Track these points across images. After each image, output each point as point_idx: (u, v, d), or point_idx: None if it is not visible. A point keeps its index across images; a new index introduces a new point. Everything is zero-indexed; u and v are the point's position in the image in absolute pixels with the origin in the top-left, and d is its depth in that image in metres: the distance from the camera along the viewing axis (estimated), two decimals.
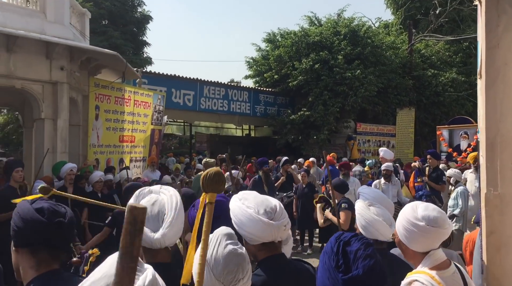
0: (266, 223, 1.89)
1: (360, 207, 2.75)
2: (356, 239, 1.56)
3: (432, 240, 2.05)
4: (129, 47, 30.44)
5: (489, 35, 1.81)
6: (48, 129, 7.90)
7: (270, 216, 1.92)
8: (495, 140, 1.78)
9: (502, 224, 1.82)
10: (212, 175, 1.50)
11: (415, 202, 2.26)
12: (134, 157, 11.05)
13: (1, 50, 7.22)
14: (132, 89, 10.91)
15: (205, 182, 1.49)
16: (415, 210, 2.14)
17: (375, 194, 3.16)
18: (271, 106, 20.52)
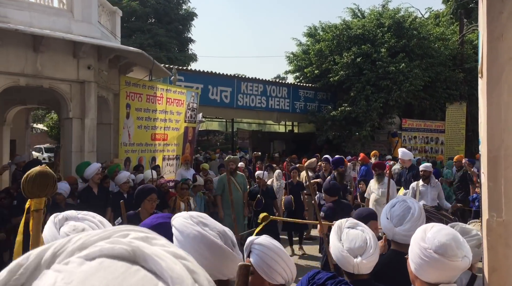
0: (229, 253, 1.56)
1: (332, 233, 2.24)
2: (333, 283, 1.25)
3: (440, 271, 1.70)
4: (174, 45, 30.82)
5: (491, 24, 1.42)
6: (76, 129, 7.93)
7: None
8: (499, 153, 1.39)
9: (507, 258, 1.43)
10: (33, 177, 1.19)
11: (434, 223, 1.89)
12: (167, 155, 11.00)
13: (28, 50, 7.29)
14: (165, 87, 10.85)
15: (26, 186, 1.19)
16: (426, 232, 1.80)
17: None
18: (311, 102, 20.04)
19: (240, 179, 8.57)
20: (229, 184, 5.53)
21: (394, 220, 2.55)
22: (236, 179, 8.48)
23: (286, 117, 19.85)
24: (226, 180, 8.43)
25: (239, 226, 8.41)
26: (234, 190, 8.35)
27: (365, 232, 2.15)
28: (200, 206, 8.21)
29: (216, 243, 1.55)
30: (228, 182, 5.61)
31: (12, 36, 7.00)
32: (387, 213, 2.62)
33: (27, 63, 7.30)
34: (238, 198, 8.36)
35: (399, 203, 2.60)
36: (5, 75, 7.14)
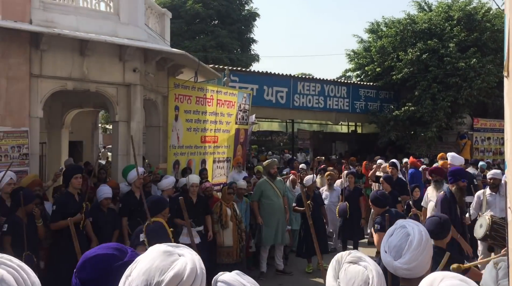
0: None
1: (329, 268, 1.78)
2: None
3: None
4: (236, 45, 30.93)
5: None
6: (122, 132, 7.89)
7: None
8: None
9: None
10: None
11: (443, 274, 1.41)
12: (217, 158, 10.80)
13: (75, 54, 7.33)
14: (215, 88, 10.65)
15: None
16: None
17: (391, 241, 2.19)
18: (373, 102, 19.13)
19: (279, 184, 8.16)
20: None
21: (392, 252, 2.11)
22: (275, 184, 8.08)
23: (345, 117, 19.09)
24: (266, 186, 8.08)
25: (280, 233, 8.00)
26: (274, 195, 7.97)
27: (369, 268, 1.67)
28: (245, 212, 7.88)
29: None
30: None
31: (59, 41, 7.06)
32: (384, 244, 2.15)
33: (74, 67, 7.34)
34: (278, 204, 7.96)
35: (397, 230, 2.13)
36: (53, 80, 7.22)
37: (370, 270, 1.66)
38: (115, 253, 1.42)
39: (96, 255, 1.40)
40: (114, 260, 1.40)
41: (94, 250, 1.44)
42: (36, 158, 7.11)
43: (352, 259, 1.71)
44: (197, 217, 7.11)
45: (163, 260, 1.24)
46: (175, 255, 1.27)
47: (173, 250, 1.29)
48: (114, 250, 1.43)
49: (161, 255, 1.26)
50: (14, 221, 5.16)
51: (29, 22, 6.79)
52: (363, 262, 1.70)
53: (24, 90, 6.83)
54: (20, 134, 6.79)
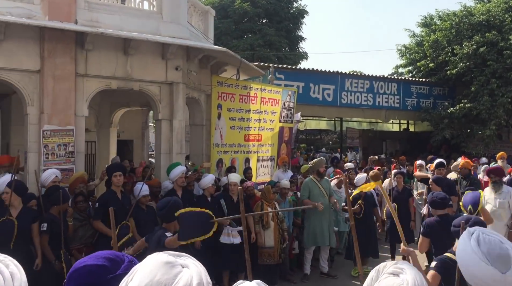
0: None
1: (367, 280, 1.58)
2: None
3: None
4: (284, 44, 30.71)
5: None
6: (165, 131, 7.90)
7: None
8: None
9: None
10: None
11: None
12: (261, 156, 10.65)
13: (119, 53, 7.40)
14: (259, 86, 10.51)
15: None
16: None
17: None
18: (426, 99, 18.29)
19: (325, 183, 7.86)
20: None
21: (496, 263, 1.72)
22: (322, 184, 7.79)
23: (395, 115, 18.37)
24: (312, 185, 7.82)
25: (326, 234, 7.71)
26: (320, 195, 7.69)
27: (406, 282, 1.44)
28: (288, 212, 7.67)
29: None
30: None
31: (103, 40, 7.16)
32: (479, 254, 1.76)
33: (118, 66, 7.42)
34: (325, 204, 7.67)
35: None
36: (98, 79, 7.33)
37: (407, 283, 1.45)
38: (106, 264, 1.25)
39: (84, 266, 1.24)
40: (103, 273, 1.23)
41: (84, 259, 1.28)
42: (81, 156, 7.24)
43: (393, 270, 1.52)
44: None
45: (165, 273, 1.09)
46: (178, 267, 1.13)
47: (175, 260, 1.14)
48: (106, 260, 1.26)
49: (163, 267, 1.11)
50: (51, 220, 5.24)
51: (74, 22, 6.92)
52: (404, 274, 1.49)
53: (70, 90, 6.96)
54: (66, 133, 6.93)
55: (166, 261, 1.14)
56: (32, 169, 6.65)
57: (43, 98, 6.75)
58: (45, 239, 5.16)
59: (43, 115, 6.76)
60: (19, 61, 6.65)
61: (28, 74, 6.76)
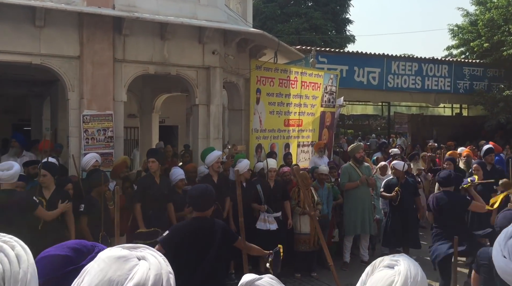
0: None
1: (362, 276, 1.51)
2: None
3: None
4: (330, 27, 30.06)
5: None
6: (202, 116, 7.86)
7: None
8: None
9: None
10: None
11: None
12: (302, 142, 10.43)
13: (156, 38, 7.40)
14: (299, 70, 10.25)
15: None
16: None
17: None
18: (479, 81, 17.30)
19: (365, 169, 7.56)
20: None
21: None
22: (361, 170, 7.50)
23: (446, 99, 17.52)
24: (351, 171, 7.55)
25: (366, 222, 7.44)
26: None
27: (398, 272, 1.37)
28: (327, 198, 7.45)
29: None
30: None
31: (140, 25, 7.18)
32: (502, 247, 1.65)
33: (155, 51, 7.42)
34: (364, 191, 7.40)
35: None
36: (135, 64, 7.37)
37: (399, 273, 1.39)
38: (70, 254, 1.16)
39: (45, 256, 1.15)
40: (64, 264, 1.14)
41: (50, 249, 1.19)
42: (120, 141, 7.34)
43: (388, 263, 1.46)
44: (274, 202, 6.86)
45: (117, 268, 0.99)
46: (133, 260, 1.02)
47: (130, 253, 1.03)
48: (71, 250, 1.17)
49: (114, 263, 1.00)
50: (90, 201, 5.31)
51: (112, 8, 6.95)
52: (398, 266, 1.42)
53: (109, 75, 7.04)
54: (105, 118, 7.03)
55: (119, 255, 1.03)
56: (75, 153, 6.81)
57: (82, 84, 6.87)
58: (84, 220, 5.25)
59: (83, 101, 6.88)
60: (59, 48, 6.78)
61: (68, 60, 6.88)
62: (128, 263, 1.01)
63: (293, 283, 6.82)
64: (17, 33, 6.48)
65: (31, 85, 11.44)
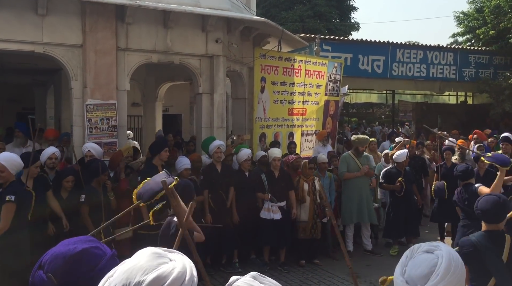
0: None
1: (399, 262, 1.58)
2: None
3: None
4: (334, 14, 29.77)
5: None
6: (206, 105, 7.83)
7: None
8: None
9: None
10: None
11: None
12: (305, 131, 10.40)
13: (159, 26, 7.34)
14: (303, 58, 10.18)
15: None
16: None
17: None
18: (485, 69, 17.14)
19: (364, 160, 7.55)
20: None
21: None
22: (360, 160, 7.49)
23: (451, 87, 17.38)
24: (349, 160, 7.54)
25: (364, 211, 7.45)
26: (357, 171, 7.42)
27: (440, 256, 1.49)
28: (329, 187, 7.44)
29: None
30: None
31: (143, 13, 7.12)
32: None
33: (158, 40, 7.37)
34: (362, 180, 7.40)
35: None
36: (138, 53, 7.32)
37: (442, 256, 1.49)
38: (97, 245, 1.24)
39: (82, 250, 1.22)
40: (100, 253, 1.26)
41: (70, 245, 1.24)
42: (124, 130, 7.33)
43: (428, 248, 1.56)
44: (279, 192, 6.86)
45: (149, 260, 1.13)
46: (165, 258, 1.15)
47: (165, 253, 1.17)
48: (93, 242, 1.25)
49: (149, 256, 1.14)
50: (90, 191, 5.33)
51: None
52: (438, 250, 1.53)
53: (111, 64, 7.00)
54: (109, 107, 7.01)
55: (155, 251, 1.16)
56: (78, 142, 6.82)
57: (85, 73, 6.84)
58: (85, 210, 5.27)
59: (86, 90, 6.86)
60: (62, 36, 6.74)
61: (71, 49, 6.85)
62: (159, 259, 1.13)
63: (297, 272, 6.86)
64: (20, 21, 6.44)
65: (34, 74, 11.43)
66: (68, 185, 5.58)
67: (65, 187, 5.59)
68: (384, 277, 2.23)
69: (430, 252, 1.52)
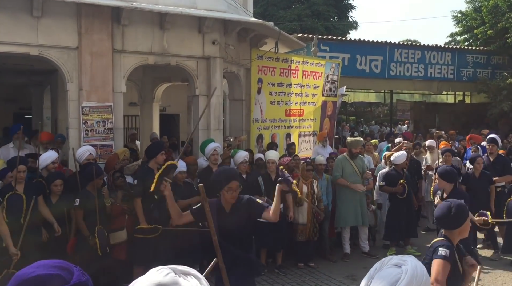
0: None
1: (366, 275, 1.58)
2: None
3: None
4: (332, 13, 29.71)
5: None
6: (202, 106, 7.78)
7: None
8: None
9: None
10: None
11: None
12: (303, 132, 10.38)
13: (155, 28, 7.31)
14: (301, 59, 10.15)
15: None
16: None
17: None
18: (483, 69, 17.15)
19: (359, 162, 7.53)
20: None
21: None
22: (355, 162, 7.46)
23: (449, 86, 17.40)
24: (345, 163, 7.52)
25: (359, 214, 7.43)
26: (353, 174, 7.39)
27: (405, 271, 1.49)
28: (326, 189, 7.43)
29: None
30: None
31: (139, 15, 7.09)
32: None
33: (154, 42, 7.33)
34: (357, 183, 7.38)
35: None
36: (135, 55, 7.29)
37: (406, 272, 1.49)
38: (60, 273, 1.14)
39: (36, 277, 1.12)
40: (58, 283, 1.12)
41: (32, 269, 1.16)
42: (120, 132, 7.29)
43: (397, 262, 1.56)
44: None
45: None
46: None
47: (172, 280, 1.08)
48: (59, 269, 1.14)
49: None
50: (85, 195, 5.29)
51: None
52: (405, 265, 1.53)
53: (108, 66, 6.97)
54: (105, 109, 6.98)
55: (158, 283, 1.07)
56: (74, 144, 6.77)
57: (81, 75, 6.80)
58: (79, 214, 5.25)
59: (82, 92, 6.82)
60: (57, 38, 6.70)
61: (67, 51, 6.81)
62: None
63: (294, 274, 6.84)
64: (15, 23, 6.40)
65: (31, 75, 11.37)
66: (56, 189, 5.51)
67: (54, 191, 5.53)
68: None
69: (398, 266, 1.53)
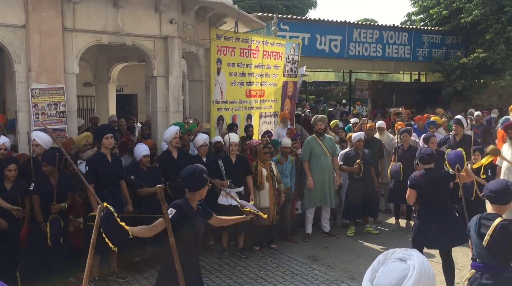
0: None
1: (370, 267, 1.58)
2: None
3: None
4: None
5: None
6: (160, 88, 7.55)
7: None
8: None
9: None
10: None
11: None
12: (264, 113, 10.32)
13: (108, 6, 6.94)
14: (261, 39, 10.00)
15: None
16: None
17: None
18: (438, 48, 17.58)
19: (328, 142, 7.57)
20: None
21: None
22: (324, 142, 7.50)
23: (405, 66, 17.76)
24: (314, 144, 7.55)
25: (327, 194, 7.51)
26: (322, 154, 7.43)
27: (412, 267, 1.47)
28: (291, 171, 7.43)
29: None
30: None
31: None
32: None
33: (108, 20, 6.98)
34: (326, 163, 7.43)
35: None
36: (88, 34, 6.92)
37: (413, 268, 1.47)
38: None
39: None
40: None
41: None
42: (73, 115, 6.95)
43: (401, 256, 1.54)
44: (236, 177, 6.76)
45: None
46: None
47: None
48: None
49: None
50: (41, 180, 5.08)
51: None
52: (411, 260, 1.50)
53: (58, 46, 6.58)
54: (56, 91, 6.62)
55: None
56: (23, 129, 6.43)
57: (29, 55, 6.39)
58: (35, 200, 5.06)
59: (30, 73, 6.43)
60: (2, 16, 6.24)
61: (13, 29, 6.36)
62: None
63: (256, 256, 6.85)
64: None
65: None
66: (10, 174, 5.27)
67: (8, 177, 5.29)
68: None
69: (403, 261, 1.50)
